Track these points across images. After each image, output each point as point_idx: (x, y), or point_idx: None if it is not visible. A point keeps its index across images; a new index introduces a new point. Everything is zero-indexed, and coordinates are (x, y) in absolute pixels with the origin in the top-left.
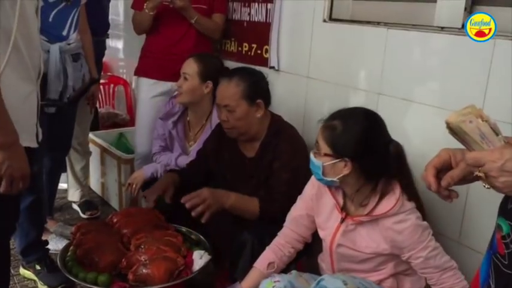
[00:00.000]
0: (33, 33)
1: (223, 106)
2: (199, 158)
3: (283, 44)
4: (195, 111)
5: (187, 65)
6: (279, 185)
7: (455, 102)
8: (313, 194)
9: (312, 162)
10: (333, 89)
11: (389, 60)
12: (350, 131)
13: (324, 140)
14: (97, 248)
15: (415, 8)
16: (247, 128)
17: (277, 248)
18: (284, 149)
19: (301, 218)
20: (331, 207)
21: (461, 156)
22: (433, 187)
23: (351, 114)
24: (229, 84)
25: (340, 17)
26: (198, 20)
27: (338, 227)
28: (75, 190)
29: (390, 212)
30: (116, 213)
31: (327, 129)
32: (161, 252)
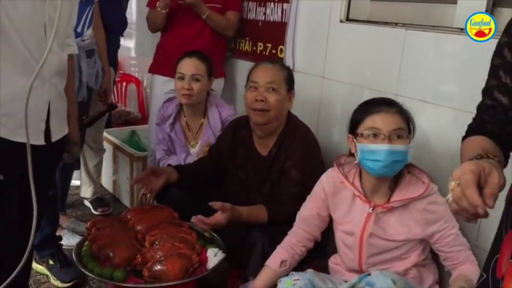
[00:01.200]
0: (35, 28)
1: (266, 83)
2: (211, 154)
3: (298, 44)
4: (193, 111)
5: (196, 66)
6: (289, 185)
7: (474, 104)
8: (328, 192)
9: (399, 151)
10: (348, 89)
11: (407, 62)
12: (408, 112)
13: (405, 123)
14: (112, 244)
15: (434, 9)
16: (278, 115)
17: (289, 246)
18: (297, 149)
19: (311, 217)
20: (350, 200)
21: (489, 169)
22: (482, 209)
23: (394, 100)
24: (274, 66)
25: (357, 17)
26: (209, 15)
27: (368, 216)
28: (88, 187)
29: (425, 193)
30: (130, 209)
31: (402, 113)
32: (176, 249)
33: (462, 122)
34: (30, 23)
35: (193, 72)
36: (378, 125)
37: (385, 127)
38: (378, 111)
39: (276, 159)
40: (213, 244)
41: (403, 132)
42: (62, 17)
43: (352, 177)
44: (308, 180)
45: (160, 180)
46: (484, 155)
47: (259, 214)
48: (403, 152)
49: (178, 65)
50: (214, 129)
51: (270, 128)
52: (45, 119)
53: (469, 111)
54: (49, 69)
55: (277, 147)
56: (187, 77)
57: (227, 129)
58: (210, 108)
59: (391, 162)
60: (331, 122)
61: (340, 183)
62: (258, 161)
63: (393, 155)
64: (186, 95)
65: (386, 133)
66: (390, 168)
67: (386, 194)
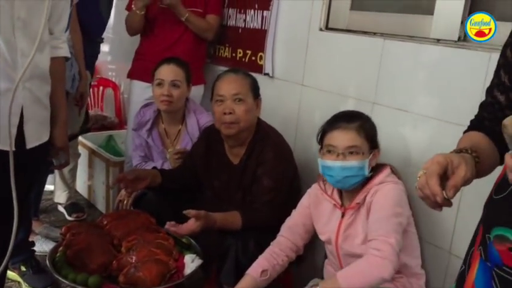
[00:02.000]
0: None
1: (231, 96)
2: (185, 163)
3: (278, 51)
4: (171, 117)
5: (175, 72)
6: (261, 193)
7: (451, 113)
8: (310, 203)
9: (351, 167)
10: (327, 97)
11: (384, 71)
12: (372, 124)
13: (363, 139)
14: (88, 250)
15: (412, 19)
16: (248, 125)
17: (270, 256)
18: (268, 156)
19: (296, 226)
20: (330, 210)
21: (458, 162)
22: (440, 197)
23: (361, 113)
24: (238, 76)
25: (336, 26)
26: (188, 17)
27: (340, 222)
28: (62, 192)
29: (375, 181)
30: (106, 215)
31: (361, 129)
32: (153, 255)
33: (438, 130)
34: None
35: (172, 78)
36: (333, 142)
37: (340, 144)
38: (336, 128)
39: (247, 167)
40: (190, 250)
41: (357, 149)
42: (35, 16)
43: (332, 189)
44: (281, 186)
45: (144, 183)
46: (463, 149)
47: (233, 220)
48: (355, 167)
49: (157, 72)
50: (192, 136)
51: (240, 138)
52: (17, 124)
53: (445, 120)
54: (21, 72)
55: (247, 155)
56: (167, 83)
57: (200, 138)
58: (188, 115)
59: (343, 178)
60: (310, 129)
61: (321, 194)
62: (230, 170)
63: (345, 171)
64: (165, 101)
65: (340, 150)
66: (344, 183)
67: (358, 193)
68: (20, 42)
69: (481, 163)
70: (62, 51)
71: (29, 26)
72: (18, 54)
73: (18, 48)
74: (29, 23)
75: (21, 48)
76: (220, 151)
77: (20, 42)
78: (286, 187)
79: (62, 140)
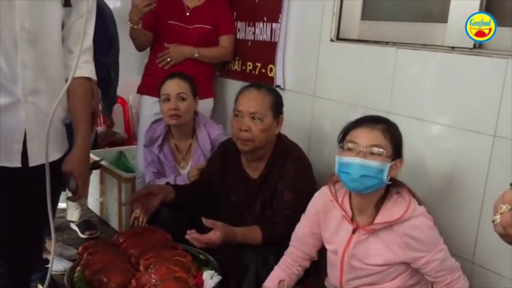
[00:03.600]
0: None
1: (249, 113)
2: (202, 177)
3: (288, 62)
4: (181, 132)
5: (179, 86)
6: (282, 207)
7: (468, 121)
8: (319, 210)
9: (370, 167)
10: (340, 107)
11: (399, 80)
12: (398, 132)
13: (388, 142)
14: (105, 269)
15: (425, 28)
16: (264, 143)
17: (285, 266)
18: (289, 170)
19: (306, 236)
20: (339, 220)
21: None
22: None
23: (385, 118)
24: (260, 93)
25: (347, 36)
26: (200, 53)
27: (350, 238)
28: (75, 210)
29: (404, 216)
30: (121, 232)
31: (387, 131)
32: (172, 273)
33: (455, 138)
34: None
35: (178, 91)
36: (356, 139)
37: (363, 141)
38: (360, 126)
39: (267, 182)
40: (209, 266)
41: (380, 150)
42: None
43: (342, 196)
44: (301, 200)
45: (157, 199)
46: None
47: (254, 235)
48: (375, 168)
49: (162, 88)
50: (203, 149)
51: (257, 154)
52: (21, 140)
53: (461, 128)
54: (23, 86)
55: (268, 169)
56: (173, 97)
57: (216, 153)
58: (199, 129)
59: (360, 177)
60: (322, 140)
61: (330, 202)
62: (249, 185)
63: (363, 169)
64: (174, 115)
65: (362, 147)
66: (360, 183)
67: (372, 215)
68: (23, 54)
69: None
70: (83, 72)
71: (37, 39)
72: (19, 67)
73: (19, 60)
74: (36, 35)
75: (23, 60)
76: (238, 165)
77: (22, 54)
78: (306, 201)
79: (69, 164)
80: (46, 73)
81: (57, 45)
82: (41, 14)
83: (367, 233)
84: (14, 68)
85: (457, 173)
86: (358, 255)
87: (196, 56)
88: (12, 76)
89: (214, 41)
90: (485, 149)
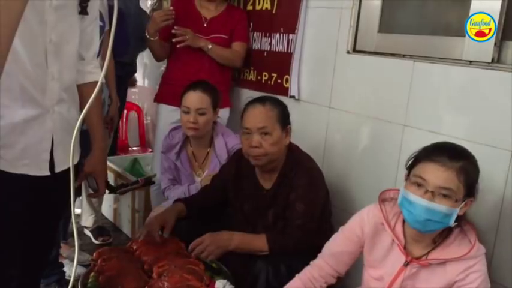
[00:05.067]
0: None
1: (258, 129)
2: (214, 184)
3: (304, 74)
4: (199, 141)
5: (200, 100)
6: (294, 217)
7: (484, 135)
8: (367, 233)
9: (438, 212)
10: (356, 119)
11: (415, 93)
12: (476, 168)
13: (462, 184)
14: (119, 275)
15: (442, 41)
16: (278, 155)
17: (308, 280)
18: (301, 181)
19: (340, 254)
20: (388, 245)
21: None
22: None
23: (468, 154)
24: (265, 107)
25: (364, 48)
26: (213, 49)
27: (401, 270)
28: (89, 216)
29: (468, 255)
30: (135, 240)
31: (463, 173)
32: (185, 281)
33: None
34: (29, 49)
35: (197, 106)
36: (426, 176)
37: (434, 181)
38: (434, 161)
39: (279, 193)
40: (221, 275)
41: (451, 193)
42: (67, 41)
43: (396, 219)
44: (313, 211)
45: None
46: None
47: (257, 243)
48: (442, 213)
49: (183, 98)
50: (220, 158)
51: (270, 166)
52: (49, 149)
53: (478, 142)
54: (50, 97)
55: (280, 180)
56: (193, 111)
57: (231, 160)
58: (216, 138)
59: (425, 220)
60: (338, 152)
61: (381, 224)
62: (261, 195)
63: (430, 213)
64: (192, 128)
65: (431, 188)
66: (423, 226)
67: (429, 246)
68: (51, 66)
69: None
70: (95, 76)
71: (60, 50)
72: (49, 78)
73: (49, 72)
74: (60, 46)
75: (52, 72)
76: (251, 175)
77: (51, 66)
78: (318, 213)
79: (90, 165)
80: (66, 82)
81: (74, 55)
82: (63, 25)
83: (420, 266)
84: (44, 80)
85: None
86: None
87: (210, 47)
88: (42, 88)
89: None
90: (502, 164)
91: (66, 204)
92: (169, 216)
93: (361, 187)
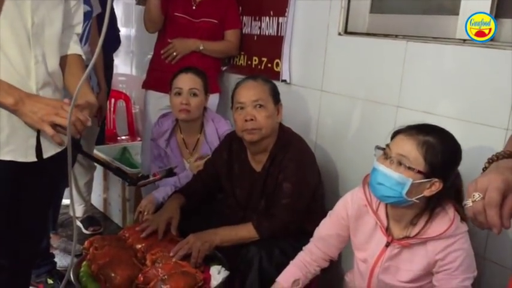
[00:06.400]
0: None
1: (252, 102)
2: (207, 168)
3: (295, 57)
4: (189, 127)
5: (193, 81)
6: (280, 197)
7: (479, 114)
8: (351, 215)
9: (389, 176)
10: (348, 102)
11: (408, 73)
12: (448, 150)
13: (421, 156)
14: (112, 263)
15: (435, 21)
16: (270, 131)
17: (302, 264)
18: (290, 162)
19: (330, 237)
20: (372, 227)
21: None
22: (498, 230)
23: (445, 134)
24: (257, 82)
25: (356, 30)
26: (205, 47)
27: (383, 251)
28: (78, 205)
29: (445, 233)
30: (128, 227)
31: (425, 145)
32: (179, 267)
33: (466, 132)
34: (11, 32)
35: (190, 86)
36: (391, 145)
37: (394, 148)
38: (403, 133)
39: (269, 175)
40: (215, 262)
41: (406, 161)
42: (50, 24)
43: (378, 202)
44: (301, 191)
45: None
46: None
47: (243, 232)
48: (393, 179)
49: (174, 81)
50: (211, 144)
51: (263, 145)
52: (35, 134)
53: (473, 121)
54: (35, 81)
55: (270, 162)
56: (185, 91)
57: (223, 144)
58: (207, 123)
59: (377, 184)
60: (331, 135)
61: (364, 207)
62: (253, 178)
63: (381, 177)
64: (184, 110)
65: (392, 154)
66: (376, 190)
67: (409, 226)
68: (35, 49)
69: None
70: (76, 49)
71: (43, 33)
72: (32, 62)
73: (32, 55)
74: (43, 29)
75: (36, 56)
76: (243, 158)
77: (34, 49)
78: (308, 193)
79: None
80: (52, 66)
81: (57, 37)
82: (46, 7)
83: (401, 247)
84: (28, 63)
85: (470, 168)
86: (389, 269)
87: (201, 48)
88: (27, 72)
89: (219, 36)
90: (497, 142)
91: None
92: (175, 212)
93: (354, 170)
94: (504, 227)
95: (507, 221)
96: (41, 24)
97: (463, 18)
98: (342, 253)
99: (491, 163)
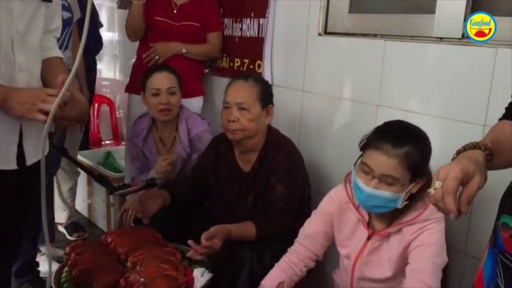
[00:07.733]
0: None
1: (236, 104)
2: (195, 172)
3: (276, 58)
4: (166, 125)
5: (169, 79)
6: (275, 200)
7: (458, 111)
8: (334, 210)
9: (382, 197)
10: (329, 102)
11: (388, 72)
12: (424, 151)
13: (406, 169)
14: (94, 269)
15: (413, 19)
16: (254, 132)
17: (288, 266)
18: (281, 164)
19: (316, 234)
20: (354, 223)
21: (473, 171)
22: (455, 215)
23: (416, 135)
24: (246, 83)
25: (335, 30)
26: (188, 50)
27: (365, 244)
28: (62, 212)
29: (420, 217)
30: (110, 232)
31: (407, 158)
32: (161, 271)
33: (445, 129)
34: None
35: (169, 85)
36: (371, 164)
37: (377, 169)
38: (378, 149)
39: (259, 175)
40: (199, 264)
41: (395, 181)
42: (32, 30)
43: None
44: (293, 194)
45: (156, 205)
46: (477, 145)
47: (247, 231)
48: (387, 199)
49: (149, 81)
50: (183, 144)
51: (249, 144)
52: (17, 142)
53: (452, 118)
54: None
55: (259, 162)
56: (163, 91)
57: (210, 147)
58: (181, 123)
59: (371, 206)
60: (313, 135)
61: (346, 203)
62: (241, 177)
63: (374, 199)
64: (165, 110)
65: (377, 175)
66: (371, 209)
67: (389, 219)
68: (18, 57)
69: (499, 157)
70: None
71: (27, 40)
72: (16, 70)
73: (16, 63)
74: (26, 36)
75: (19, 63)
76: (230, 159)
77: (18, 57)
78: (298, 195)
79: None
80: (33, 72)
81: (39, 43)
82: (29, 14)
83: (381, 238)
84: (12, 71)
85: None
86: (371, 262)
87: (184, 51)
88: (10, 79)
89: (201, 38)
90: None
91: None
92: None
93: (337, 169)
94: (461, 212)
95: (464, 207)
96: (25, 31)
97: (440, 16)
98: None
99: (459, 154)
